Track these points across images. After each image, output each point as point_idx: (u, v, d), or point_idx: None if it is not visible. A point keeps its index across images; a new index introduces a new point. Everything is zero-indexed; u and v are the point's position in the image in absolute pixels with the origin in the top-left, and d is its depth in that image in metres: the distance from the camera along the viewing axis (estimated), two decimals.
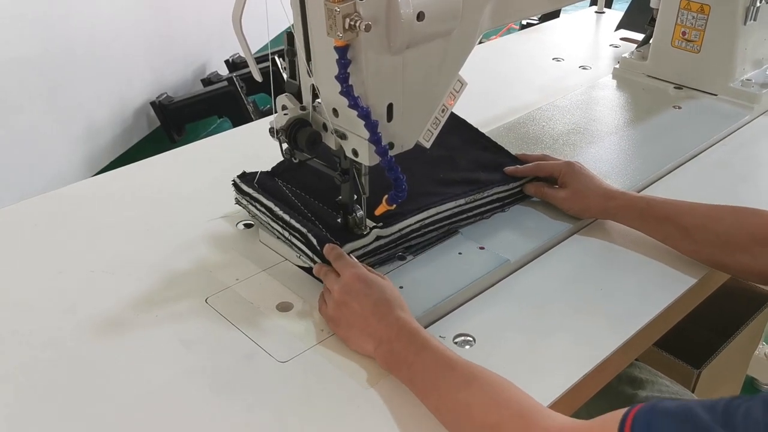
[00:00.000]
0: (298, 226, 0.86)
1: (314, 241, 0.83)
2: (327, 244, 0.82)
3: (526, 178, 1.00)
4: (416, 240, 0.90)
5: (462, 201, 0.93)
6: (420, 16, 0.68)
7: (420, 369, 0.70)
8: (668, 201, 0.90)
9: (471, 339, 0.78)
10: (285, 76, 0.83)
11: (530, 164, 1.01)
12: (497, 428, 0.63)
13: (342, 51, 0.68)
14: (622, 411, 0.54)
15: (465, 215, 0.94)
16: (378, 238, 0.86)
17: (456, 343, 0.77)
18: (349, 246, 0.84)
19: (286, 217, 0.87)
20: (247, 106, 2.86)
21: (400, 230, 0.88)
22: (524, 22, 3.54)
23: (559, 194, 0.96)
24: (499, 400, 0.65)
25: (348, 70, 0.69)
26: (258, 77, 0.78)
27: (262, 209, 0.91)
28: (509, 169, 1.01)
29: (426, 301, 0.80)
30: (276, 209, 0.89)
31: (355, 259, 0.82)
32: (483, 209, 0.96)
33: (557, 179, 0.98)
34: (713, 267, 0.89)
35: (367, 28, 0.66)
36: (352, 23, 0.65)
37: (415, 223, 0.89)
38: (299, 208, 0.90)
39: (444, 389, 0.67)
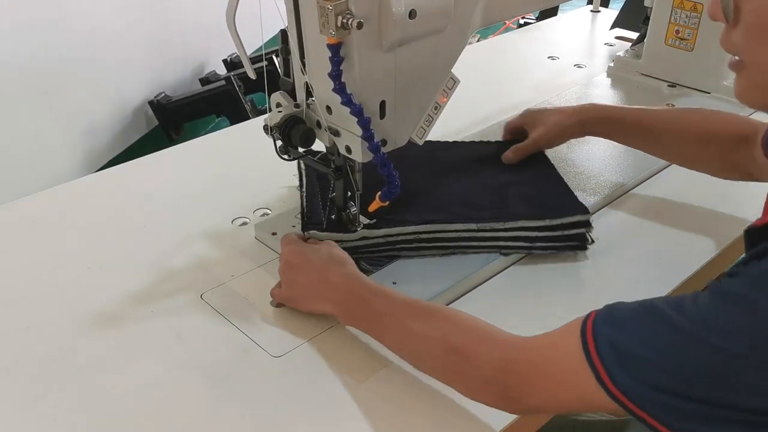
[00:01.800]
0: None
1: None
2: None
3: (560, 220, 0.89)
4: (407, 252, 0.87)
5: (473, 226, 0.86)
6: (412, 14, 0.69)
7: (377, 312, 0.72)
8: (635, 109, 1.00)
9: None
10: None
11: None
12: (461, 350, 0.65)
13: (335, 48, 0.69)
14: (583, 316, 0.58)
15: (476, 243, 0.87)
16: (363, 238, 0.86)
17: None
18: (336, 236, 0.84)
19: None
20: (245, 105, 2.87)
21: (386, 236, 0.86)
22: (522, 21, 3.55)
23: (532, 136, 1.01)
24: (462, 326, 0.67)
25: (341, 68, 0.70)
26: (252, 74, 0.79)
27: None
28: (506, 155, 1.02)
29: (420, 296, 0.81)
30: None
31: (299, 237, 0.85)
32: (501, 243, 0.87)
33: (525, 128, 1.04)
34: (678, 163, 1.01)
35: (360, 26, 0.66)
36: (345, 21, 0.66)
37: (407, 233, 0.86)
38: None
39: (403, 323, 0.70)
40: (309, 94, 0.79)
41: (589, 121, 1.00)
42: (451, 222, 0.87)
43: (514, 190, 0.94)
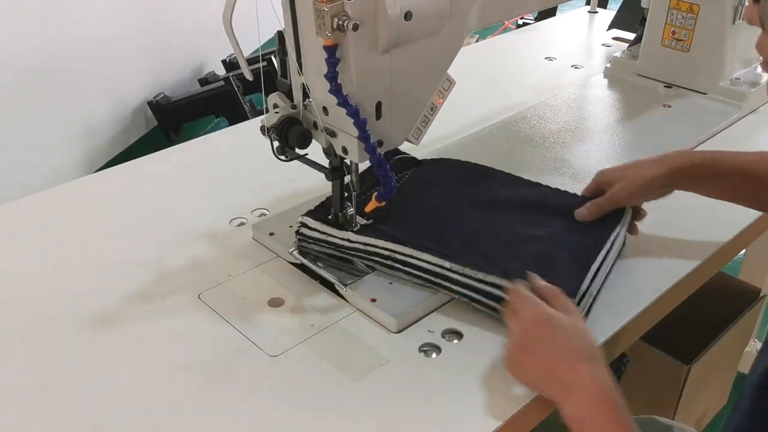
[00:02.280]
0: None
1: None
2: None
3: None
4: (381, 268, 0.84)
5: (447, 263, 0.79)
6: (407, 16, 0.70)
7: None
8: (729, 152, 0.86)
9: (460, 333, 0.79)
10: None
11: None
12: None
13: (331, 50, 0.70)
14: None
15: (447, 283, 0.80)
16: (348, 240, 0.84)
17: (444, 337, 0.78)
18: (327, 229, 0.84)
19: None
20: (244, 106, 2.88)
21: (366, 244, 0.84)
22: (520, 22, 3.56)
23: (611, 191, 0.88)
24: None
25: (337, 69, 0.71)
26: (249, 76, 0.79)
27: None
28: (579, 211, 0.89)
29: (415, 297, 0.81)
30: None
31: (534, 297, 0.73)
32: (472, 294, 0.79)
33: (604, 189, 0.90)
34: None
35: (355, 28, 0.67)
36: (341, 23, 0.67)
37: (382, 248, 0.83)
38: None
39: None
40: (306, 95, 0.80)
41: (679, 169, 0.86)
42: (423, 250, 0.81)
43: (535, 246, 0.83)
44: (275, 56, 0.83)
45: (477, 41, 1.86)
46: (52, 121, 2.47)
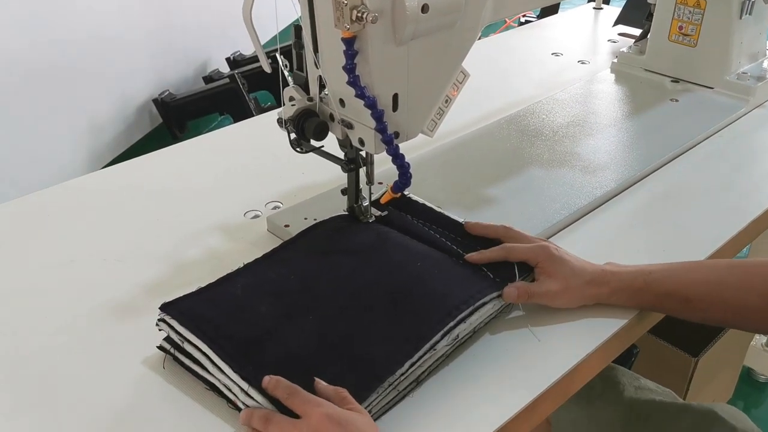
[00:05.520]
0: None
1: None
2: (268, 376, 0.64)
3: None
4: None
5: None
6: (425, 9, 0.71)
7: None
8: (667, 274, 0.81)
9: None
10: (286, 72, 0.85)
11: (497, 248, 0.82)
12: None
13: (349, 42, 0.71)
14: None
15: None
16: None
17: None
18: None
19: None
20: (249, 103, 2.89)
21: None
22: (522, 19, 3.57)
23: (550, 288, 0.79)
24: None
25: (355, 61, 0.72)
26: (267, 68, 0.80)
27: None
28: (471, 256, 0.82)
29: None
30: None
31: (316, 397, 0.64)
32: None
33: (534, 266, 0.81)
34: (726, 326, 0.85)
35: (374, 20, 0.68)
36: (359, 15, 0.68)
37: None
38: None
39: None
40: (322, 87, 0.80)
41: (618, 290, 0.81)
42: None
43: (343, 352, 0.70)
44: (279, 54, 0.84)
45: (480, 38, 1.86)
46: (57, 119, 2.48)
